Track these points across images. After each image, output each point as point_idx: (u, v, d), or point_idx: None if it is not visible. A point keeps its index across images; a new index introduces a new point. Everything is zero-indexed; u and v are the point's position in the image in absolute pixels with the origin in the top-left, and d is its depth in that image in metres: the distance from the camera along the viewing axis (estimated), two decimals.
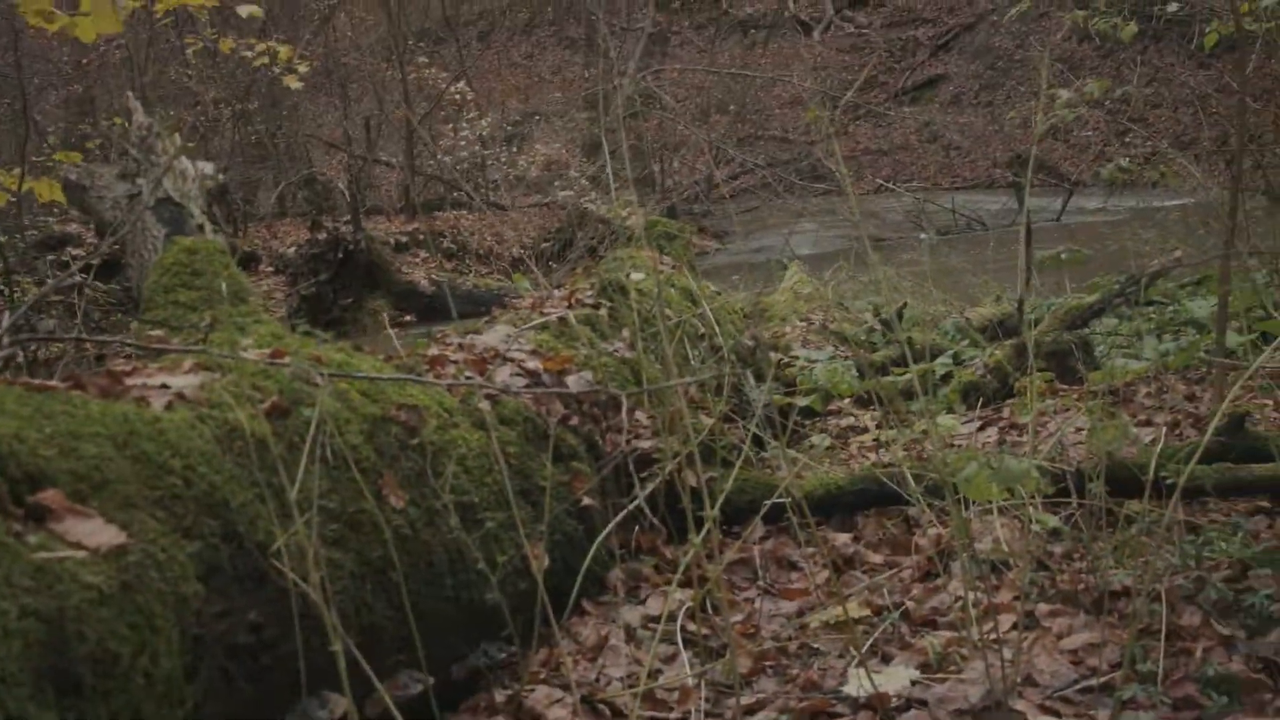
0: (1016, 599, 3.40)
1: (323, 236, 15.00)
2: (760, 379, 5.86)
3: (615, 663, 3.44)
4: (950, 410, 5.75)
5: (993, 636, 3.07)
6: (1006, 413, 5.66)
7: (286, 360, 3.07)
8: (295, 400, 2.97)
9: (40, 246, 14.22)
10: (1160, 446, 4.02)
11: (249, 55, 12.17)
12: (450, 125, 22.07)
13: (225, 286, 3.70)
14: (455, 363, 3.88)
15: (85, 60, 19.92)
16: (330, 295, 14.71)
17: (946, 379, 6.40)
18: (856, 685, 3.06)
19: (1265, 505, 4.13)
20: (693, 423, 4.24)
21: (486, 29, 38.17)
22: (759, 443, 4.89)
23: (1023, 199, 7.83)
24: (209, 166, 5.39)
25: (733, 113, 27.62)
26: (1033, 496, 3.55)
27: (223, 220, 15.02)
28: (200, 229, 4.80)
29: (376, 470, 3.11)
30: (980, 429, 5.43)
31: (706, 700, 3.16)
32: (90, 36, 4.36)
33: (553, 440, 3.73)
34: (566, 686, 3.21)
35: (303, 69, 10.82)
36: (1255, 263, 7.91)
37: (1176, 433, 5.02)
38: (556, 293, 5.12)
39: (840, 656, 3.38)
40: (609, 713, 3.18)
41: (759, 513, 3.70)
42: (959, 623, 3.42)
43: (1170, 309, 8.07)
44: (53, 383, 2.68)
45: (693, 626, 3.46)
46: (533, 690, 3.25)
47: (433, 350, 3.99)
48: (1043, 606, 3.45)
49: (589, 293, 5.01)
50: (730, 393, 4.88)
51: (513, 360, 4.06)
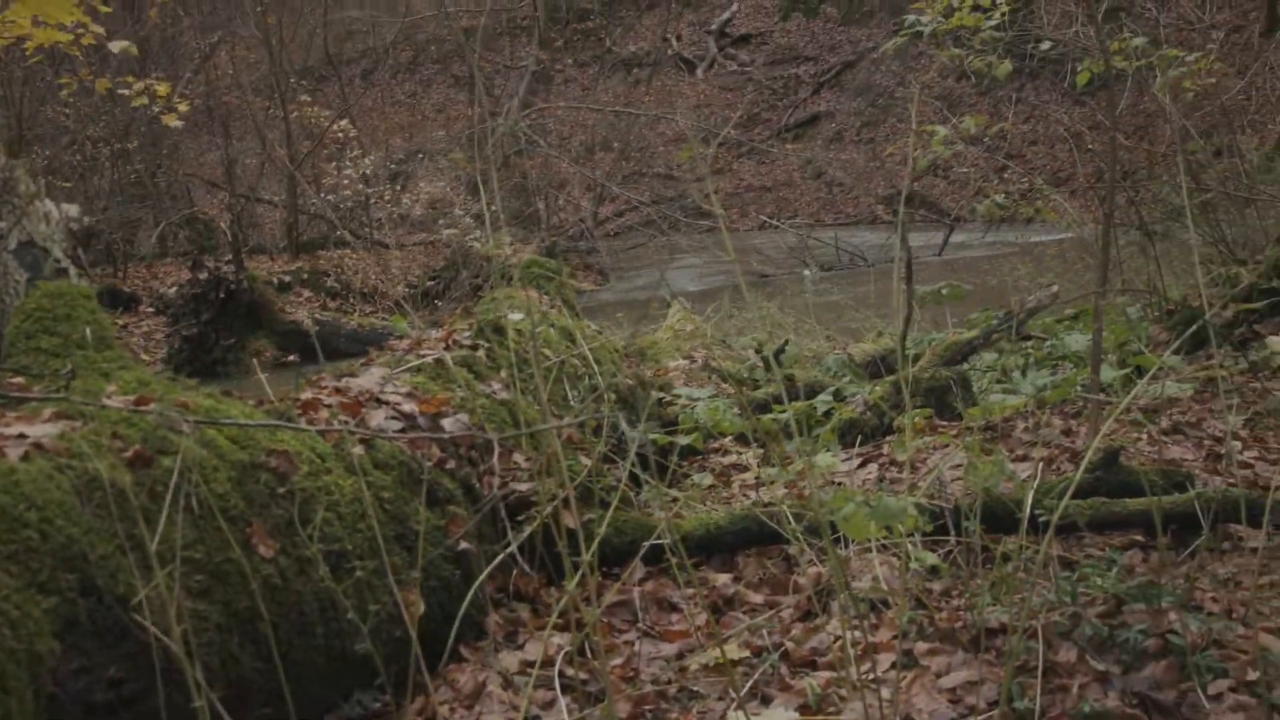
0: (895, 638, 3.39)
1: (204, 276, 14.80)
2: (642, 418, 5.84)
3: (492, 710, 3.38)
4: (830, 447, 5.75)
5: (871, 676, 3.05)
6: (886, 449, 5.68)
7: (151, 407, 3.00)
8: (160, 448, 2.90)
9: None
10: (1036, 482, 4.04)
11: (126, 94, 11.98)
12: (333, 163, 21.91)
13: (89, 332, 3.61)
14: (329, 406, 3.81)
15: None
16: (212, 336, 14.53)
17: (828, 416, 6.41)
18: None
19: (1140, 539, 4.16)
20: (570, 464, 4.21)
21: (370, 67, 38.01)
22: (640, 483, 4.86)
23: (902, 235, 7.87)
24: (74, 209, 5.28)
25: (617, 150, 27.67)
26: (911, 534, 3.55)
27: (87, 263, 14.78)
28: (64, 273, 4.69)
29: (245, 519, 3.04)
30: (860, 466, 5.44)
31: None
32: None
33: (425, 484, 3.68)
34: None
35: (183, 107, 10.68)
36: (1129, 298, 8.03)
37: (1053, 468, 5.06)
38: (434, 333, 5.07)
39: (720, 699, 3.35)
40: None
41: (638, 554, 3.66)
42: (838, 663, 3.41)
43: (1048, 344, 8.15)
44: None
45: (571, 671, 3.41)
46: None
47: (306, 394, 3.92)
48: (921, 645, 3.44)
49: (466, 333, 4.96)
50: (609, 433, 4.84)
51: (388, 403, 4.00)
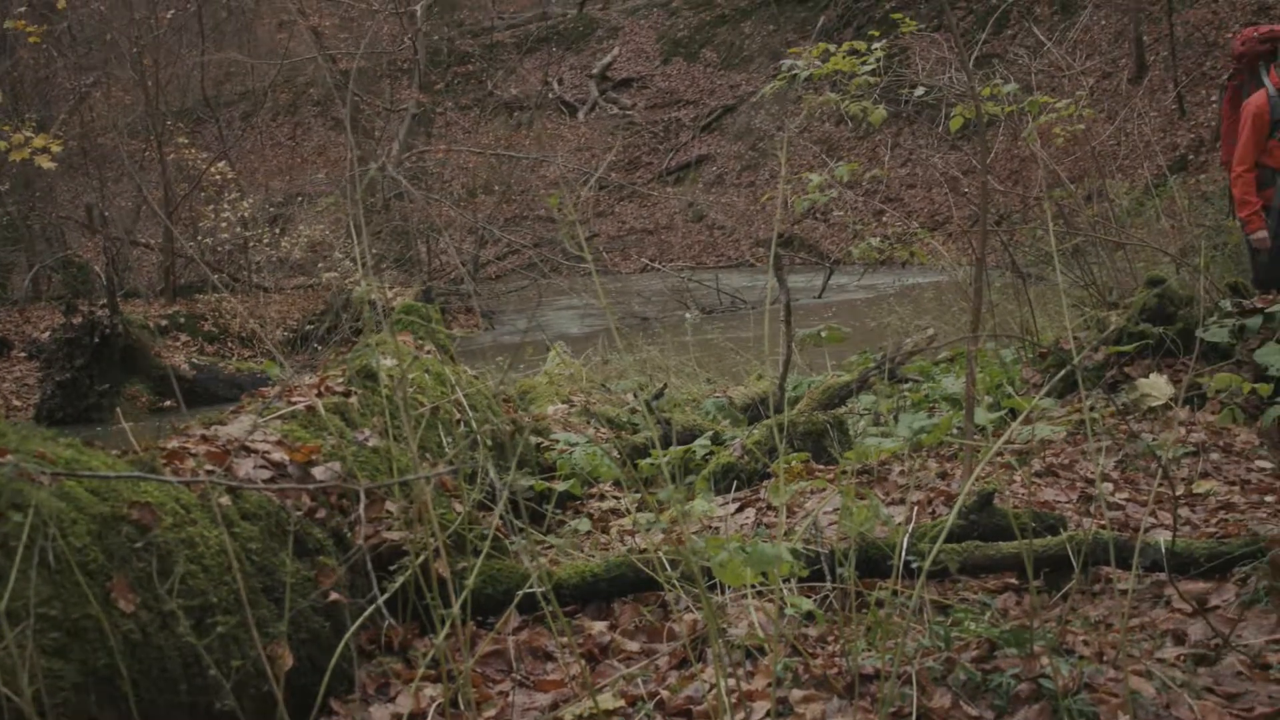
0: (770, 685, 3.37)
1: (78, 320, 14.58)
2: (519, 464, 5.80)
3: None
4: (708, 492, 5.74)
5: None
6: (764, 494, 5.68)
7: (6, 459, 2.92)
8: (14, 501, 2.82)
9: None
10: (911, 526, 4.05)
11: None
12: (211, 206, 21.68)
13: None
14: (195, 456, 3.73)
15: None
16: (87, 381, 14.30)
17: (707, 460, 6.40)
18: None
19: (1013, 582, 4.19)
20: (443, 512, 4.16)
21: (249, 109, 37.69)
22: (522, 531, 4.81)
23: (780, 278, 7.92)
24: None
25: (498, 193, 27.66)
26: (786, 580, 3.54)
27: None
28: None
29: (105, 573, 2.96)
30: (737, 511, 5.43)
31: None
32: None
33: (293, 535, 3.61)
34: None
35: (56, 149, 10.53)
36: (1004, 340, 8.12)
37: (929, 511, 5.09)
38: (307, 380, 4.99)
39: None
40: None
41: (512, 603, 3.62)
42: (713, 711, 3.38)
43: (924, 386, 8.23)
44: None
45: None
46: None
47: (172, 443, 3.84)
48: (796, 692, 3.43)
49: (340, 380, 4.90)
50: (485, 480, 4.80)
51: (257, 451, 3.93)
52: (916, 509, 4.91)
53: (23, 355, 16.98)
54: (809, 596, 3.98)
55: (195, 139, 25.95)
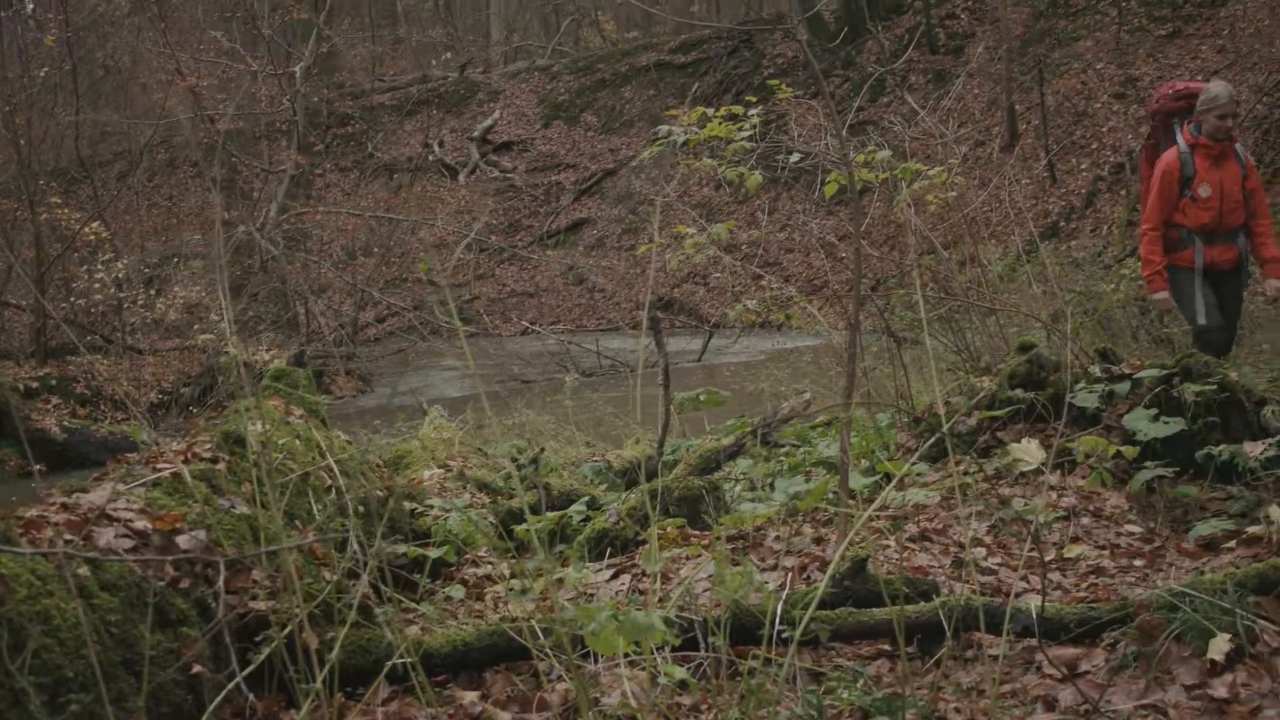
0: None
1: None
2: (392, 530, 5.73)
3: None
4: (582, 559, 5.70)
5: None
6: (640, 560, 5.65)
7: None
8: None
9: None
10: (786, 592, 4.04)
11: None
12: (85, 267, 21.32)
13: None
14: (54, 525, 3.64)
15: None
16: None
17: (583, 525, 6.37)
18: None
19: (887, 648, 4.18)
20: (311, 581, 4.08)
21: (126, 169, 37.20)
22: (390, 599, 4.74)
23: (659, 340, 7.93)
24: None
25: (378, 255, 27.51)
26: (660, 648, 3.51)
27: None
28: None
29: None
30: (612, 577, 5.39)
31: None
32: None
33: (154, 606, 3.52)
34: None
35: None
36: (877, 406, 8.16)
37: (804, 577, 5.08)
38: (173, 445, 4.90)
39: None
40: None
41: (381, 672, 3.56)
42: None
43: (801, 450, 8.25)
44: None
45: None
46: None
47: (31, 512, 3.73)
48: None
49: (208, 445, 4.81)
50: (356, 547, 4.72)
51: (119, 520, 3.83)
52: (791, 575, 4.91)
53: None
54: (683, 665, 3.95)
55: (69, 199, 25.56)
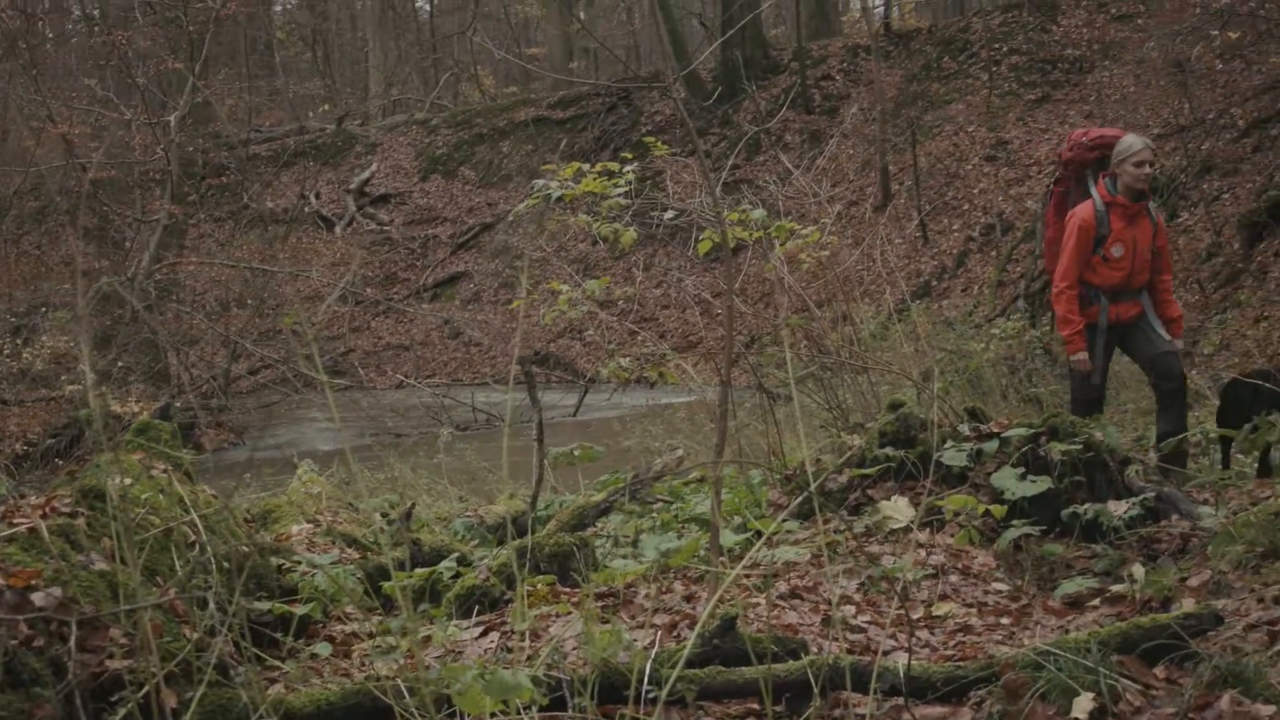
0: None
1: None
2: (257, 586, 5.64)
3: None
4: (451, 615, 5.65)
5: None
6: (509, 617, 5.60)
7: None
8: None
9: None
10: (655, 651, 4.02)
11: None
12: None
13: None
14: None
15: None
16: None
17: (453, 581, 6.31)
18: None
19: (755, 708, 4.17)
20: (170, 639, 4.00)
21: None
22: (255, 658, 4.65)
23: (533, 395, 7.91)
24: None
25: (252, 307, 27.23)
26: (527, 707, 3.48)
27: None
28: None
29: None
30: (481, 635, 5.34)
31: None
32: None
33: (4, 665, 3.43)
34: None
35: None
36: (748, 464, 8.19)
37: (674, 635, 5.06)
38: (32, 499, 4.79)
39: None
40: None
41: None
42: None
43: (674, 506, 8.24)
44: None
45: None
46: None
47: None
48: None
49: (67, 500, 4.70)
50: (220, 604, 4.64)
51: None
52: (661, 633, 4.89)
53: None
54: None
55: None
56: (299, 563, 6.32)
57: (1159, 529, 6.28)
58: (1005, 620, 5.31)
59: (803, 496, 5.05)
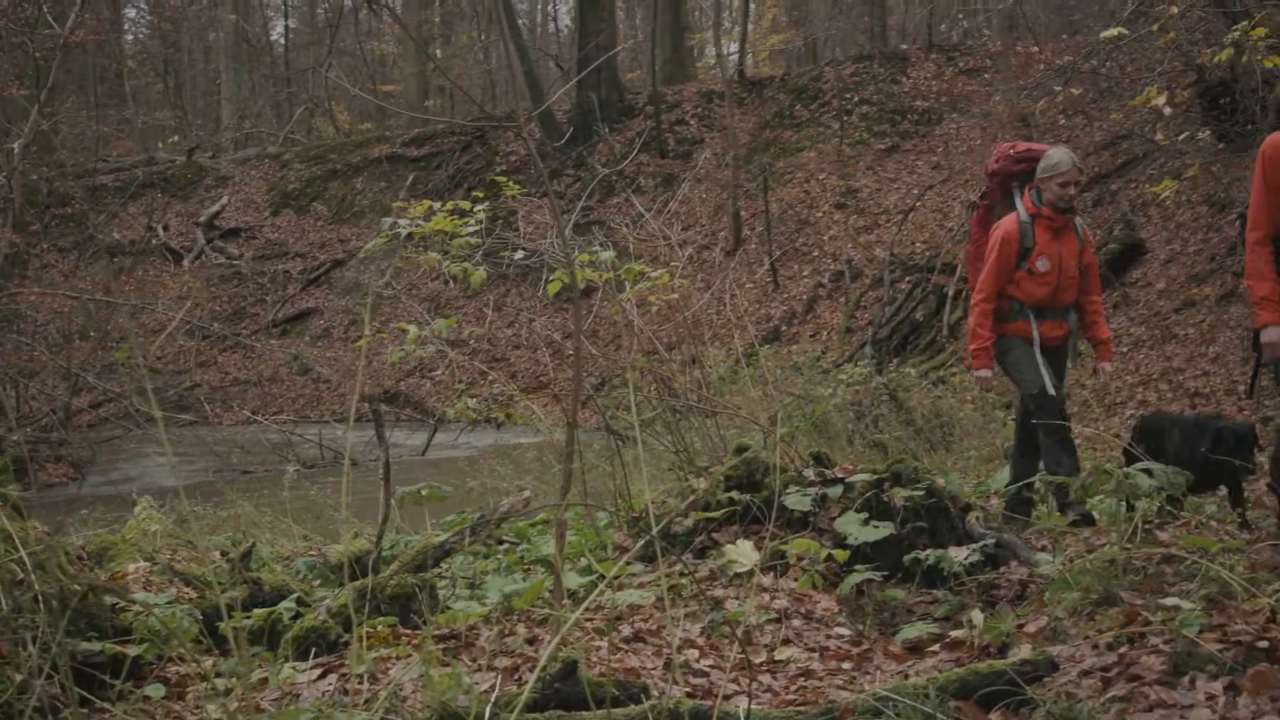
0: None
1: None
2: (89, 625, 5.50)
3: None
4: (289, 657, 5.56)
5: None
6: (349, 659, 5.52)
7: None
8: None
9: None
10: (495, 694, 3.99)
11: None
12: None
13: None
14: None
15: None
16: None
17: (294, 621, 6.21)
18: None
19: None
20: None
21: None
22: (82, 701, 4.54)
23: (381, 434, 7.84)
24: None
25: (95, 339, 26.70)
26: None
27: None
28: None
29: None
30: (320, 677, 5.25)
31: None
32: None
33: None
34: None
35: None
36: (598, 503, 8.18)
37: (516, 678, 5.02)
38: None
39: None
40: None
41: None
42: None
43: (520, 548, 8.20)
44: None
45: None
46: None
47: None
48: None
49: None
50: (44, 643, 4.52)
51: None
52: (501, 676, 4.85)
53: None
54: None
55: None
56: (133, 602, 6.18)
57: (998, 575, 6.38)
58: (846, 665, 5.34)
59: (646, 539, 5.04)
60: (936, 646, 5.47)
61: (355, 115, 53.31)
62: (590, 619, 5.65)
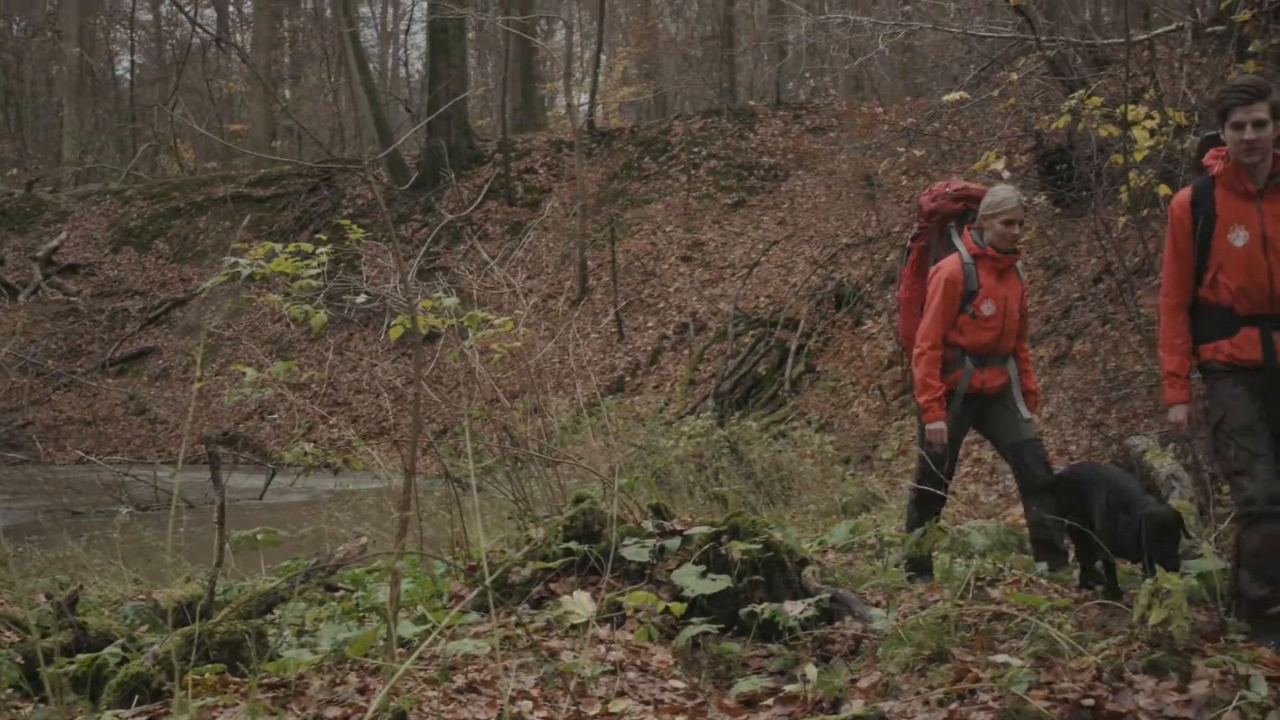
0: None
1: None
2: None
3: None
4: (112, 705, 5.44)
5: None
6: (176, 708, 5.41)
7: None
8: None
9: None
10: None
11: None
12: None
13: None
14: None
15: None
16: None
17: (121, 667, 6.08)
18: None
19: None
20: None
21: None
22: None
23: (217, 476, 7.73)
24: None
25: None
26: None
27: None
28: None
29: None
30: None
31: None
32: None
33: None
34: None
35: None
36: (435, 551, 8.13)
37: None
38: None
39: None
40: None
41: None
42: None
43: (356, 595, 8.12)
44: None
45: None
46: None
47: None
48: None
49: None
50: None
51: None
52: None
53: None
54: None
55: None
56: None
57: (833, 630, 6.43)
58: (681, 718, 5.34)
59: (480, 589, 5.02)
60: (771, 701, 5.50)
61: (201, 154, 52.58)
62: (423, 668, 5.60)
